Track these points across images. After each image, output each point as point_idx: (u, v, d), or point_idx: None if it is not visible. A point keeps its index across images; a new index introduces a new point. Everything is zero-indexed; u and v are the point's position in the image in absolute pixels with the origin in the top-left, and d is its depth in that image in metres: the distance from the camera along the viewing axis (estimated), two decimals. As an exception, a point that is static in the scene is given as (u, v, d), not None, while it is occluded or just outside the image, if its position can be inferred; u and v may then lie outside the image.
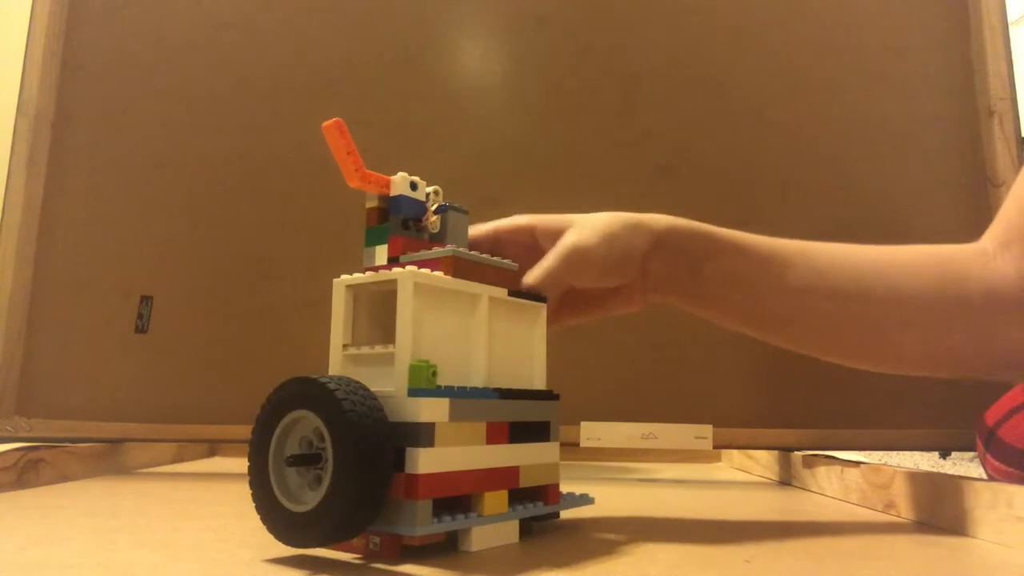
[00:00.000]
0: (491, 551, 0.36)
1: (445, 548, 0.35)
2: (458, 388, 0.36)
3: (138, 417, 0.75)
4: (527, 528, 0.39)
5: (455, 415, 0.35)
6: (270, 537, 0.34)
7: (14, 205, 0.78)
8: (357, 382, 0.33)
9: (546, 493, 0.40)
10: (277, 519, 0.33)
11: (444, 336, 0.37)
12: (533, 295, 0.42)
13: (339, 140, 0.37)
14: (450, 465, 0.34)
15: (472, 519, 0.35)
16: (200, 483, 0.66)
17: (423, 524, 0.32)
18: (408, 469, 0.33)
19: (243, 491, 0.34)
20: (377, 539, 0.33)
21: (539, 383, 0.42)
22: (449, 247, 0.38)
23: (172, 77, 0.83)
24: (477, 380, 0.38)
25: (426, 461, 0.33)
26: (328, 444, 0.32)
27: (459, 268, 0.37)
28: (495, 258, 0.40)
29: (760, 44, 0.82)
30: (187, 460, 0.87)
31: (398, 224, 0.39)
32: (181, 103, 0.82)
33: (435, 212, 0.40)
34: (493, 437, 0.37)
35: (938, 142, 0.80)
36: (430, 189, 0.41)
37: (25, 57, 0.81)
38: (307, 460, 0.33)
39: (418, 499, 0.32)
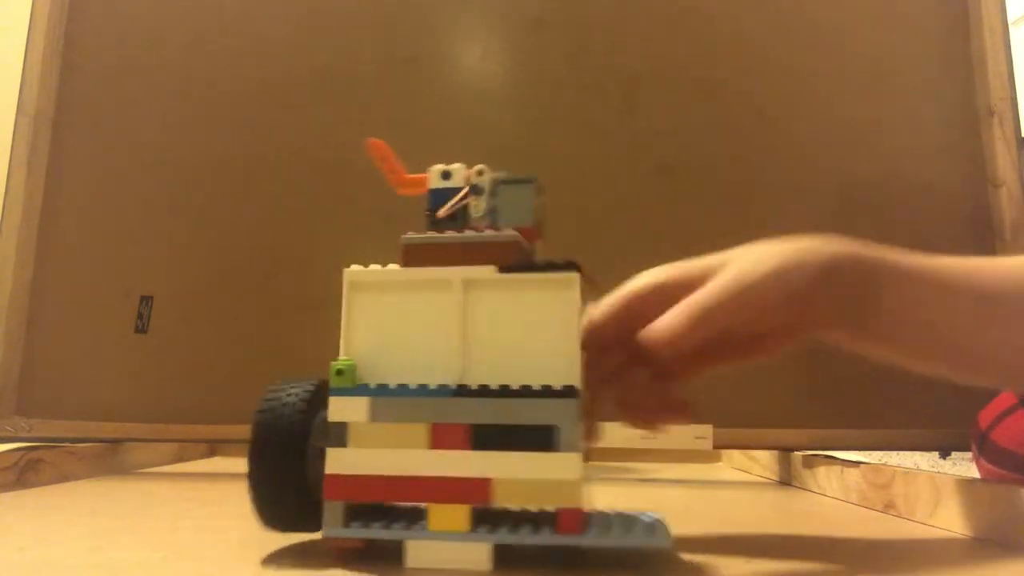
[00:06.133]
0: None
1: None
2: (377, 386, 0.33)
3: (138, 417, 0.75)
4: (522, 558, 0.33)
5: (377, 415, 0.33)
6: (270, 537, 0.34)
7: (14, 205, 0.78)
8: (316, 384, 0.36)
9: (558, 518, 0.31)
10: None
11: (407, 332, 0.34)
12: (542, 266, 0.34)
13: (379, 162, 0.40)
14: (371, 468, 0.32)
15: (399, 531, 0.32)
16: (200, 483, 0.66)
17: (331, 526, 0.32)
18: (326, 469, 0.33)
19: (243, 491, 0.34)
20: None
21: (563, 377, 0.32)
22: (468, 232, 0.35)
23: (172, 77, 0.83)
24: (445, 377, 0.33)
25: (338, 462, 0.33)
26: None
27: (412, 256, 0.35)
28: (474, 232, 0.35)
29: (760, 44, 0.82)
30: (187, 460, 0.87)
31: (429, 219, 0.38)
32: (181, 103, 0.82)
33: (471, 193, 0.38)
34: (443, 441, 0.32)
35: (938, 142, 0.79)
36: (474, 169, 0.38)
37: (25, 57, 0.81)
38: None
39: (331, 500, 0.32)
